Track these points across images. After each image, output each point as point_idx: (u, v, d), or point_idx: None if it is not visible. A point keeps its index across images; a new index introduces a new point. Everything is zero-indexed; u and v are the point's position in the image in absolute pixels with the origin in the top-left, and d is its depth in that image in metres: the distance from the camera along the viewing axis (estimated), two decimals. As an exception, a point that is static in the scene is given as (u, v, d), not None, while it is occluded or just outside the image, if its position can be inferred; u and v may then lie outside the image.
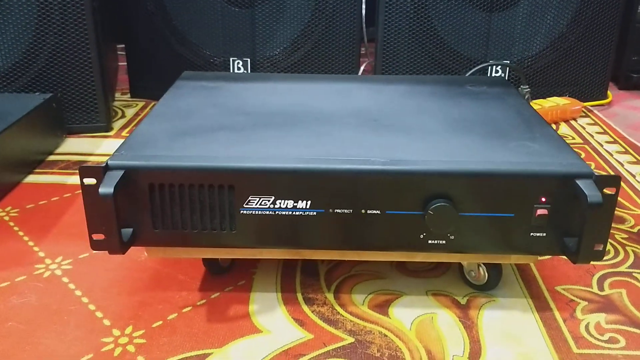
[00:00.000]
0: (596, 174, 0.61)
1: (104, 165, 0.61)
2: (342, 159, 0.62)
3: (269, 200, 0.62)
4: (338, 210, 0.63)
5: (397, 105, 0.80)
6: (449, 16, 1.35)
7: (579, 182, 0.60)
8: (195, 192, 0.62)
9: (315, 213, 0.63)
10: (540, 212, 0.62)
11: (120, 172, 0.60)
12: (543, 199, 0.62)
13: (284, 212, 0.63)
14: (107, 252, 0.62)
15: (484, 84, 0.90)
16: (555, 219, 0.63)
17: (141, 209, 0.63)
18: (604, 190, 0.60)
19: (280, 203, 0.63)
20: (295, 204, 0.63)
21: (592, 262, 0.78)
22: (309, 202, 0.63)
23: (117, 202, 0.60)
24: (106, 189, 0.58)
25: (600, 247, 0.62)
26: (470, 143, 0.67)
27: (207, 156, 0.63)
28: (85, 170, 0.60)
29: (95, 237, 0.62)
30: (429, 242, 0.64)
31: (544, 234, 0.63)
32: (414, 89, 0.87)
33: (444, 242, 0.64)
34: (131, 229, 0.63)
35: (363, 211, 0.63)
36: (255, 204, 0.63)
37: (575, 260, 0.62)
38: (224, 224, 0.64)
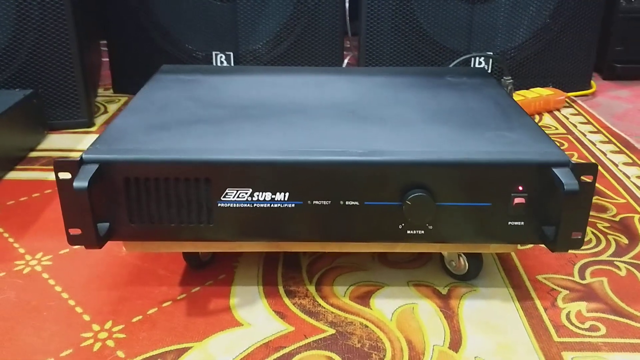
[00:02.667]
0: (573, 162, 0.61)
1: (78, 159, 0.60)
2: (320, 150, 0.62)
3: (246, 193, 0.62)
4: (316, 202, 0.63)
5: (374, 96, 0.80)
6: (432, 8, 1.35)
7: (555, 170, 0.60)
8: (171, 186, 0.62)
9: (293, 205, 0.63)
10: (517, 200, 0.62)
11: (95, 166, 0.60)
12: (520, 188, 0.62)
13: (262, 205, 0.63)
14: (83, 247, 0.61)
15: (464, 75, 0.90)
16: (533, 207, 0.63)
17: (117, 203, 0.62)
18: (581, 178, 0.60)
19: (258, 195, 0.62)
20: (273, 196, 0.62)
21: (570, 251, 0.78)
22: (287, 194, 0.62)
23: (92, 196, 0.59)
24: (80, 183, 0.58)
25: (579, 236, 0.62)
26: (447, 133, 0.67)
27: (182, 149, 0.62)
28: (60, 164, 0.59)
29: (72, 231, 0.62)
30: (408, 232, 0.64)
31: (522, 223, 0.63)
32: (392, 81, 0.86)
33: (422, 232, 0.64)
34: (107, 223, 0.63)
35: (341, 202, 0.63)
36: (233, 197, 0.62)
37: (553, 249, 0.62)
38: (202, 217, 0.63)
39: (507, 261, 0.79)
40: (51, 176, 1.02)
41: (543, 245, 0.64)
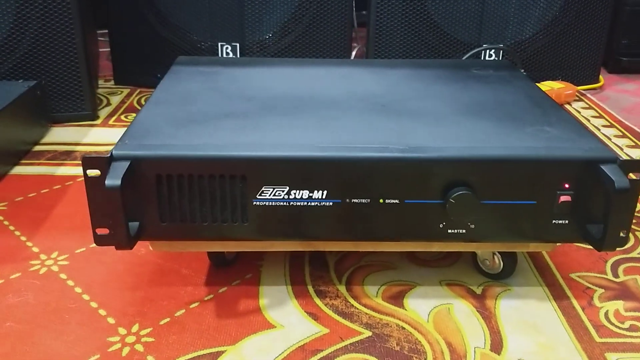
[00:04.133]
0: (620, 158, 0.59)
1: (108, 155, 0.57)
2: (360, 147, 0.60)
3: (283, 191, 0.60)
4: (355, 200, 0.60)
5: (403, 89, 0.77)
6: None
7: (603, 167, 0.59)
8: (205, 183, 0.59)
9: (331, 203, 0.60)
10: (563, 198, 0.60)
11: (127, 163, 0.57)
12: (566, 185, 0.60)
13: (298, 203, 0.60)
14: (113, 247, 0.58)
15: (489, 67, 0.88)
16: (578, 205, 0.61)
17: (148, 202, 0.59)
18: (629, 175, 0.59)
19: (295, 193, 0.60)
20: (310, 194, 0.60)
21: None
22: (324, 192, 0.60)
23: (123, 194, 0.56)
24: (113, 180, 0.55)
25: (625, 233, 0.60)
26: (487, 128, 0.65)
27: (217, 145, 0.59)
28: (88, 161, 0.56)
29: (100, 231, 0.59)
30: (449, 231, 0.62)
31: (567, 221, 0.62)
32: (418, 73, 0.84)
33: (463, 231, 0.62)
34: (137, 223, 0.60)
35: (381, 201, 0.61)
36: (269, 195, 0.60)
37: (600, 248, 0.60)
38: (235, 216, 0.61)
39: (538, 259, 0.77)
40: (59, 171, 0.99)
41: (577, 243, 0.63)
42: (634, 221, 0.86)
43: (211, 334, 0.63)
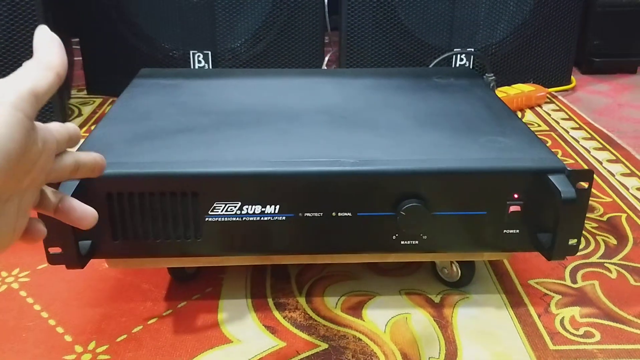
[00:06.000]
0: (568, 168, 0.60)
1: (57, 175, 0.57)
2: (311, 161, 0.60)
3: (235, 207, 0.60)
4: (308, 214, 0.61)
5: (364, 100, 0.78)
6: (413, 4, 1.33)
7: (551, 177, 0.59)
8: (156, 201, 0.59)
9: (284, 218, 0.61)
10: (513, 208, 0.61)
11: (75, 182, 0.57)
12: (516, 196, 0.61)
13: (251, 218, 0.60)
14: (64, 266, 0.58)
15: (451, 75, 0.88)
16: (529, 215, 0.61)
17: (99, 220, 0.59)
18: (577, 184, 0.59)
19: (247, 209, 0.60)
20: (263, 209, 0.60)
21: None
22: (277, 207, 0.60)
23: (74, 214, 0.56)
24: (61, 201, 0.55)
25: (575, 242, 0.61)
26: (440, 140, 0.66)
27: (167, 162, 0.60)
28: (37, 181, 0.56)
29: (52, 250, 0.59)
30: (402, 242, 0.62)
31: (517, 231, 0.62)
32: (380, 83, 0.85)
33: (416, 242, 0.62)
34: (90, 241, 0.60)
35: (334, 214, 0.61)
36: (221, 211, 0.60)
37: (549, 257, 0.60)
38: (189, 232, 0.61)
39: (498, 265, 0.78)
40: (25, 185, 0.98)
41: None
42: (595, 225, 0.87)
43: (167, 350, 0.63)
